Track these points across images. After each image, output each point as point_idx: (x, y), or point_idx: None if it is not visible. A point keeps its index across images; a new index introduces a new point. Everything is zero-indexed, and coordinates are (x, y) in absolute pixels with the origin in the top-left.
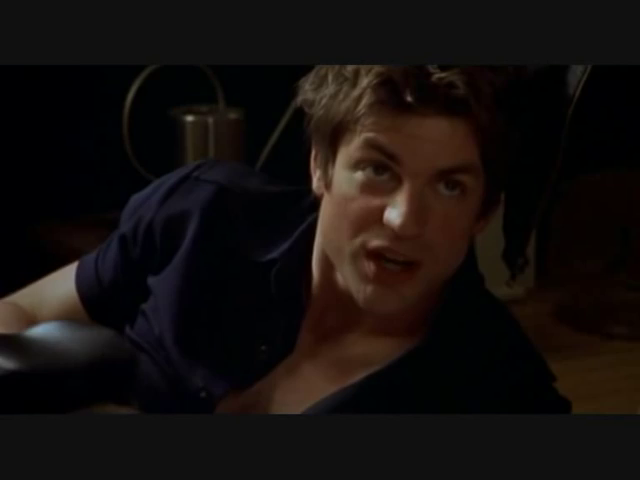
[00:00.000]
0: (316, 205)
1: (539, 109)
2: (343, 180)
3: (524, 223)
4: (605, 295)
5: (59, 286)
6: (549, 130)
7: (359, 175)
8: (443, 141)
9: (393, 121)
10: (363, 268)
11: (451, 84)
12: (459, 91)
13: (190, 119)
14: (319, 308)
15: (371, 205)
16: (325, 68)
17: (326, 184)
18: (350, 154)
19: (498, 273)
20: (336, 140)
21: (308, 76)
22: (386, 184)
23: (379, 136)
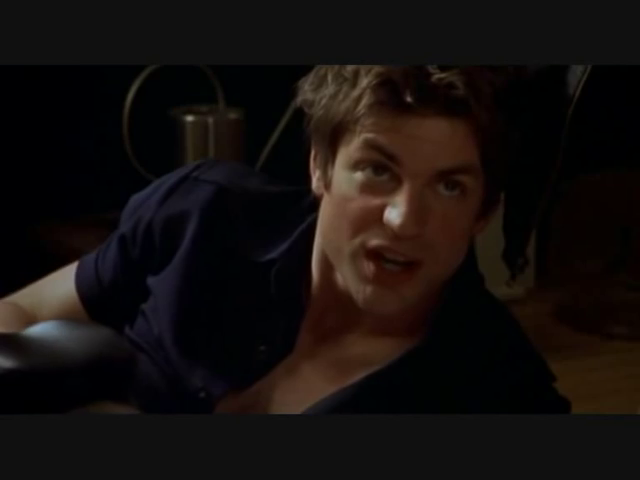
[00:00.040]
0: (316, 205)
1: (539, 109)
2: (343, 180)
3: (524, 223)
4: (605, 295)
5: (59, 286)
6: (549, 130)
7: (359, 175)
8: (443, 142)
9: (393, 122)
10: (362, 268)
11: (451, 84)
12: (459, 91)
13: (190, 119)
14: (319, 308)
15: (371, 205)
16: (325, 68)
17: (326, 184)
18: (350, 154)
19: (498, 273)
20: (336, 140)
21: (308, 76)
22: (386, 184)
23: (379, 137)
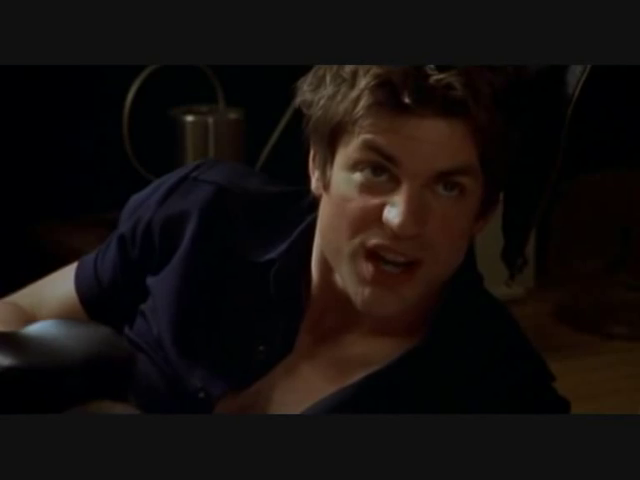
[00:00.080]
0: (315, 205)
1: (539, 109)
2: (341, 181)
3: (523, 223)
4: (605, 295)
5: (58, 286)
6: (549, 130)
7: (357, 176)
8: (441, 142)
9: (391, 122)
10: (361, 270)
11: (449, 85)
12: (457, 92)
13: (190, 119)
14: (318, 308)
15: (370, 205)
16: (323, 69)
17: (324, 185)
18: (348, 155)
19: (497, 273)
20: (334, 141)
21: (306, 77)
22: (384, 185)
23: (377, 137)
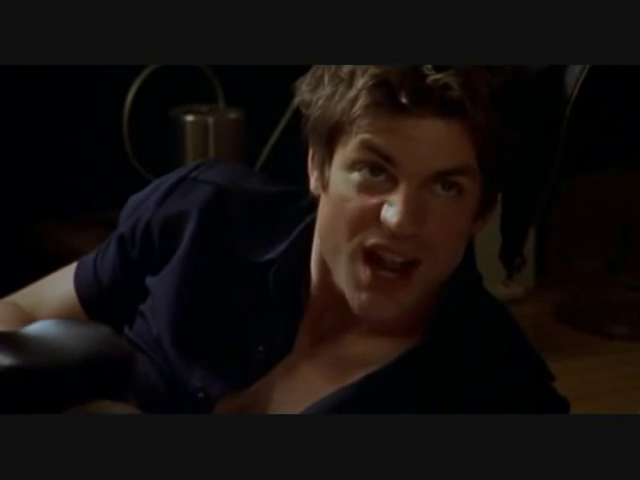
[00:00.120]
0: (315, 205)
1: (537, 109)
2: (340, 181)
3: (522, 223)
4: (605, 295)
5: (58, 286)
6: (547, 130)
7: (355, 176)
8: (439, 143)
9: (389, 122)
10: (359, 274)
11: (446, 85)
12: (454, 92)
13: (190, 119)
14: (317, 308)
15: (368, 204)
16: (321, 69)
17: (323, 185)
18: (346, 155)
19: (497, 273)
20: (332, 141)
21: (305, 77)
22: (382, 185)
23: (375, 137)
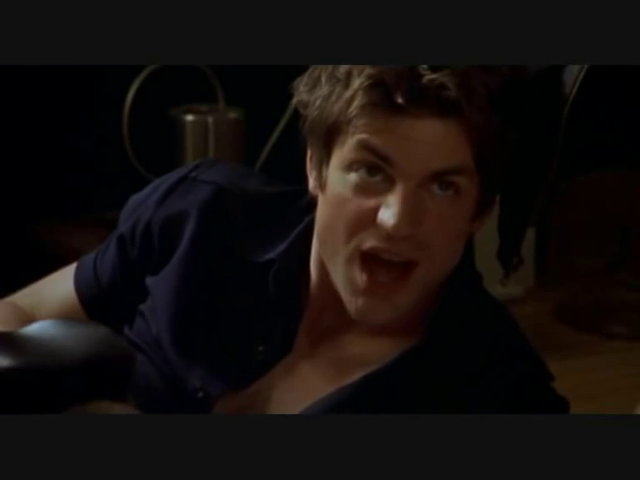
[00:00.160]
0: (314, 206)
1: (535, 109)
2: (337, 181)
3: (520, 223)
4: (605, 294)
5: (58, 286)
6: (546, 130)
7: (352, 176)
8: (436, 143)
9: (385, 123)
10: (355, 279)
11: (442, 85)
12: (450, 92)
13: (190, 119)
14: (317, 308)
15: (365, 206)
16: (319, 69)
17: (321, 185)
18: (344, 155)
19: (496, 272)
20: (330, 141)
21: (302, 77)
22: (379, 185)
23: (372, 138)
